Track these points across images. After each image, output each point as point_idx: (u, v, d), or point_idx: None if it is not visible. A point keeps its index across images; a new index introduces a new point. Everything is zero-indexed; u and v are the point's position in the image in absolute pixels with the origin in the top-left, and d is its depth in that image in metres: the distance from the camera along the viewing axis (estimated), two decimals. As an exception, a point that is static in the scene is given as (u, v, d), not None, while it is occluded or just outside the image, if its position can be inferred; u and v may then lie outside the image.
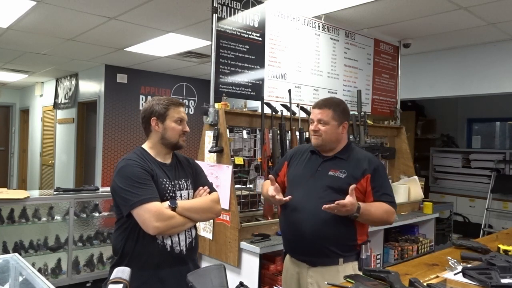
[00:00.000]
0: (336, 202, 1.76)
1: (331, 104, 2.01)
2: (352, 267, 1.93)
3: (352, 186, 1.81)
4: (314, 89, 3.53)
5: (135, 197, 1.65)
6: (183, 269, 1.75)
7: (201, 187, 1.90)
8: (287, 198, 1.96)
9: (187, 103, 7.06)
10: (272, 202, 2.15)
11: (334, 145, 2.02)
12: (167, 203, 1.72)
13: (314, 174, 2.00)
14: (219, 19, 2.84)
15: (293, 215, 1.97)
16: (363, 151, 2.12)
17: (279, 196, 1.97)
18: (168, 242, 1.74)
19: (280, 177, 2.17)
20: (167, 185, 1.78)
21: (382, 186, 1.96)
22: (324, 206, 1.79)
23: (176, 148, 1.88)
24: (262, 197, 3.01)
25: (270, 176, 2.05)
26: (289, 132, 3.09)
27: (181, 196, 1.82)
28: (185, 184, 1.86)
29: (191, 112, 7.07)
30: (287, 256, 2.11)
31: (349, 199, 1.78)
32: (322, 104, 2.02)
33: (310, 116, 2.07)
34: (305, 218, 1.92)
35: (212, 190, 1.93)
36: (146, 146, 1.87)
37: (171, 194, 1.78)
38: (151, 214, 1.63)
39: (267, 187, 2.06)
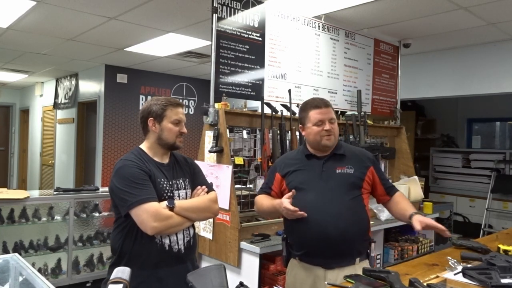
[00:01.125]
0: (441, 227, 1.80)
1: (329, 103, 2.05)
2: (366, 266, 1.92)
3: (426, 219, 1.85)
4: (314, 89, 3.53)
5: (133, 197, 1.66)
6: (181, 268, 1.76)
7: (198, 187, 1.90)
8: (303, 213, 1.83)
9: (187, 103, 7.06)
10: (278, 213, 2.00)
11: (337, 142, 2.05)
12: (165, 203, 1.72)
13: (320, 175, 1.97)
14: (219, 19, 2.84)
15: (311, 220, 1.88)
16: (353, 146, 2.24)
17: (300, 212, 1.82)
18: (167, 241, 1.74)
19: (274, 191, 2.09)
20: (165, 185, 1.78)
21: (384, 175, 2.09)
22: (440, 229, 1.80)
23: (173, 149, 1.88)
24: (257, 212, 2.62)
25: (292, 192, 1.87)
26: (289, 132, 3.09)
27: (179, 196, 1.82)
28: (183, 184, 1.87)
29: (191, 112, 7.07)
30: (294, 261, 2.02)
31: (429, 220, 1.85)
32: (326, 104, 2.02)
33: (314, 117, 1.98)
34: (327, 220, 1.86)
35: (210, 189, 1.93)
36: (144, 146, 1.87)
37: (169, 194, 1.78)
38: (149, 214, 1.64)
39: (267, 202, 2.02)
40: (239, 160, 2.95)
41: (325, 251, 1.90)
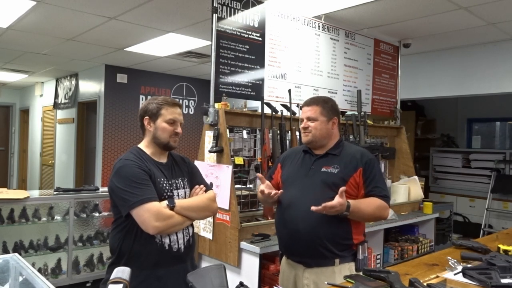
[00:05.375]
0: (323, 204, 1.75)
1: (318, 101, 2.04)
2: (348, 268, 1.91)
3: (342, 188, 1.78)
4: (314, 89, 3.53)
5: (134, 197, 1.66)
6: (181, 267, 1.77)
7: (197, 186, 1.91)
8: (278, 192, 1.94)
9: (187, 103, 7.06)
10: (266, 201, 2.10)
11: (325, 141, 2.02)
12: (165, 202, 1.72)
13: (307, 172, 2.00)
14: (219, 19, 2.84)
15: (287, 214, 1.96)
16: (356, 146, 2.15)
17: (268, 190, 1.94)
18: (166, 240, 1.75)
19: (274, 180, 2.14)
20: (164, 184, 1.79)
21: (373, 179, 1.94)
22: (312, 208, 1.77)
23: (167, 149, 1.88)
24: (259, 202, 2.98)
25: (259, 174, 2.06)
26: (289, 132, 3.09)
27: (178, 195, 1.83)
28: (181, 183, 1.87)
29: (191, 112, 7.07)
30: (283, 258, 2.09)
31: (337, 200, 1.76)
32: (310, 102, 2.04)
33: (301, 114, 2.08)
34: (299, 216, 1.91)
35: (208, 188, 1.94)
36: (142, 145, 1.88)
37: (168, 193, 1.79)
38: (151, 214, 1.64)
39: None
40: (239, 160, 2.95)
41: (296, 247, 1.94)
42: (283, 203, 2.01)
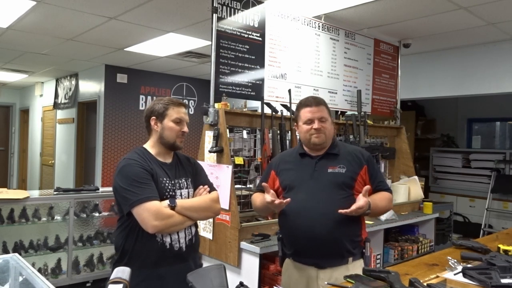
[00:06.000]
0: (355, 206, 1.79)
1: (322, 102, 2.04)
2: (360, 265, 1.92)
3: (367, 187, 1.83)
4: (314, 89, 3.53)
5: (135, 196, 1.67)
6: (182, 267, 1.77)
7: (201, 186, 1.92)
8: (288, 199, 1.88)
9: (187, 103, 7.06)
10: (268, 211, 2.09)
11: (330, 141, 2.03)
12: (167, 202, 1.73)
13: (312, 174, 1.97)
14: (219, 19, 2.84)
15: (299, 219, 1.91)
16: (350, 145, 2.20)
17: (279, 200, 1.87)
18: (168, 239, 1.75)
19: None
20: (167, 184, 1.79)
21: (377, 175, 2.02)
22: (340, 211, 1.79)
23: (173, 149, 1.89)
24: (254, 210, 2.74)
25: (264, 184, 1.96)
26: (289, 132, 3.09)
27: (181, 195, 1.84)
28: (185, 183, 1.88)
29: (191, 112, 7.07)
30: (288, 261, 2.04)
31: (364, 200, 1.80)
32: (317, 102, 2.01)
33: (304, 116, 1.99)
34: (315, 220, 1.87)
35: (212, 189, 1.94)
36: (147, 145, 1.89)
37: (170, 193, 1.79)
38: (150, 213, 1.65)
39: (260, 199, 2.00)
40: (239, 160, 2.95)
41: (314, 250, 1.91)
42: (291, 209, 1.94)
